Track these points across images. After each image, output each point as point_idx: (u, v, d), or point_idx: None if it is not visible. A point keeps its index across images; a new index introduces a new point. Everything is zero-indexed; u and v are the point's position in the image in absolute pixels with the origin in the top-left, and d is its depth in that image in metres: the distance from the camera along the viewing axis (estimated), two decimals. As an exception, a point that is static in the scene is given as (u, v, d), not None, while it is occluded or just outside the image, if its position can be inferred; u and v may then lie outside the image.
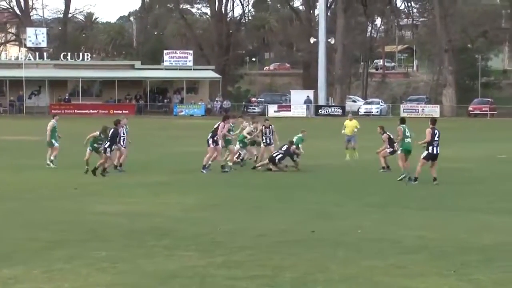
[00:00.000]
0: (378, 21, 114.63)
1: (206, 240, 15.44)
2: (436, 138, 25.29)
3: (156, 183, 25.75)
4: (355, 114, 77.08)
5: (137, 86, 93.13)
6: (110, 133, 28.37)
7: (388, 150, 29.52)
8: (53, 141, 31.24)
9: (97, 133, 28.83)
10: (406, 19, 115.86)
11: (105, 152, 28.09)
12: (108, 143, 28.12)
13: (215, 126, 29.58)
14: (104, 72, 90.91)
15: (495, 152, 37.50)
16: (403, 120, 27.85)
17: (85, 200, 21.87)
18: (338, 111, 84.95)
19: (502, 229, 16.92)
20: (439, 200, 21.89)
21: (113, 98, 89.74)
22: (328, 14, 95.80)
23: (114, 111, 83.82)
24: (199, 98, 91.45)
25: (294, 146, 29.85)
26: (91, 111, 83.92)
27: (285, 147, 29.98)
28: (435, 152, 25.31)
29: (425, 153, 25.38)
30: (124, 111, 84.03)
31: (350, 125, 35.29)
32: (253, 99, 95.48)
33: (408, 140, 26.92)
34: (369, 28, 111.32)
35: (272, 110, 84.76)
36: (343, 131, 35.28)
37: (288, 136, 31.25)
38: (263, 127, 31.34)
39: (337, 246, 14.90)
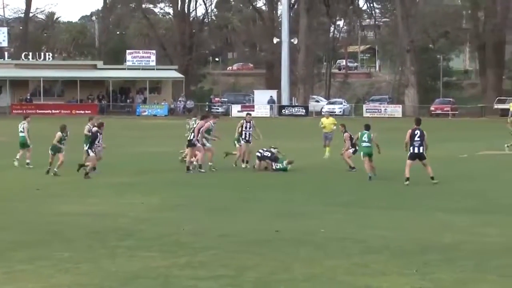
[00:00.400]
0: (341, 21, 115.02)
1: (170, 241, 15.42)
2: (416, 138, 25.50)
3: (119, 184, 25.65)
4: (318, 114, 77.52)
5: (100, 86, 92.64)
6: (91, 134, 28.41)
7: (351, 151, 29.69)
8: (28, 142, 31.49)
9: (59, 133, 28.69)
10: (369, 20, 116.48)
11: (88, 153, 28.04)
12: (88, 144, 28.10)
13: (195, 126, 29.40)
14: (66, 72, 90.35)
15: (456, 152, 37.80)
16: (367, 127, 28.34)
17: (48, 201, 21.73)
18: (302, 111, 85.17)
19: (462, 229, 17.07)
20: (401, 200, 22.04)
21: (75, 98, 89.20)
22: (291, 14, 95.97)
23: (77, 111, 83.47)
24: (162, 98, 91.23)
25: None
26: (53, 111, 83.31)
27: (275, 150, 30.05)
28: (415, 151, 25.49)
29: (408, 154, 25.66)
30: (86, 111, 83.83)
31: (328, 122, 36.08)
32: (217, 99, 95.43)
33: (365, 144, 27.58)
34: (332, 29, 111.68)
35: (235, 110, 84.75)
36: (323, 129, 35.88)
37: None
38: (244, 121, 31.22)
39: (300, 245, 14.95)
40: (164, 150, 37.76)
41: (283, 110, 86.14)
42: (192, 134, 29.03)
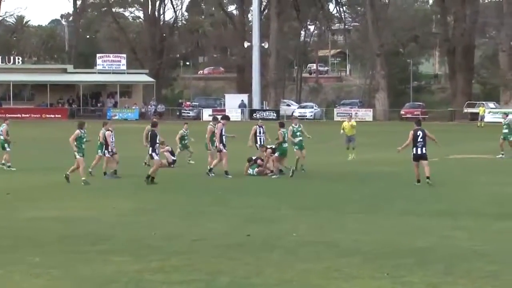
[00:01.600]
0: (312, 25, 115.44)
1: (142, 245, 15.38)
2: (419, 139, 25.95)
3: (90, 188, 25.55)
4: (289, 118, 77.68)
5: (70, 90, 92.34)
6: (151, 134, 27.36)
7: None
8: (6, 145, 31.39)
9: (78, 131, 27.20)
10: (339, 24, 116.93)
11: (152, 157, 27.48)
12: (151, 148, 27.29)
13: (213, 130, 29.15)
14: (36, 76, 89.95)
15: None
16: (282, 124, 29.95)
17: (18, 205, 21.60)
18: (273, 115, 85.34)
19: (433, 231, 17.17)
20: (372, 204, 22.11)
21: (45, 102, 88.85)
22: (262, 18, 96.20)
23: (47, 115, 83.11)
24: (133, 102, 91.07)
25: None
26: (22, 115, 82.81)
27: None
28: (419, 152, 25.97)
29: (412, 155, 26.17)
30: (56, 115, 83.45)
31: (349, 125, 37.56)
32: (188, 103, 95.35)
33: (286, 144, 29.06)
34: (303, 33, 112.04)
35: (206, 114, 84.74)
36: (341, 131, 37.65)
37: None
38: (257, 126, 31.41)
39: (273, 249, 14.96)
40: (135, 155, 37.59)
41: (254, 114, 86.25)
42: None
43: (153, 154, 27.19)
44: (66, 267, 13.37)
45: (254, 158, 30.34)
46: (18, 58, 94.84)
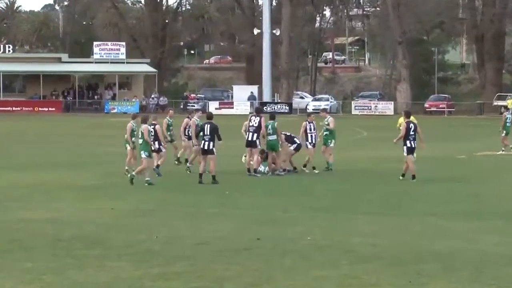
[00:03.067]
0: (327, 11, 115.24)
1: (141, 249, 15.42)
2: (411, 132, 26.96)
3: (85, 187, 25.60)
4: (303, 111, 77.65)
5: (65, 81, 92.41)
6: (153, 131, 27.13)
7: (292, 148, 29.87)
8: None
9: (130, 124, 27.83)
10: (357, 9, 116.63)
11: (159, 151, 27.67)
12: (156, 141, 27.31)
13: (253, 123, 29.07)
14: (28, 65, 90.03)
15: (453, 153, 38.01)
16: (272, 117, 30.02)
17: (9, 206, 21.66)
18: (285, 108, 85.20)
19: (458, 235, 17.17)
20: (391, 204, 22.11)
21: (38, 94, 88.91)
22: (273, 3, 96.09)
23: (39, 109, 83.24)
24: (132, 94, 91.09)
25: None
26: (13, 108, 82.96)
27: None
28: (413, 145, 27.02)
29: (405, 148, 27.03)
30: (50, 108, 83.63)
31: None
32: (193, 95, 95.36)
33: (270, 138, 28.94)
34: (318, 19, 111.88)
35: (213, 107, 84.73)
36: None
37: (231, 136, 31.23)
38: (307, 122, 30.70)
39: (284, 254, 14.97)
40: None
41: (264, 107, 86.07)
42: (251, 134, 28.90)
43: (159, 147, 27.39)
44: (60, 273, 13.42)
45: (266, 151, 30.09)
46: (9, 47, 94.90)
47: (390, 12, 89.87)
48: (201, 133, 27.23)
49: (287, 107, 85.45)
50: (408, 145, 26.95)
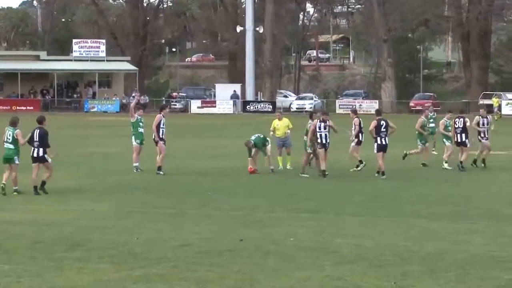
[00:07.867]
0: (311, 8, 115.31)
1: (122, 251, 15.39)
2: (383, 129, 28.05)
3: (65, 189, 25.52)
4: (286, 110, 77.75)
5: (43, 79, 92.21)
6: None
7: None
8: None
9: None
10: (341, 6, 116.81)
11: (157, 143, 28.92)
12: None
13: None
14: (5, 63, 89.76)
15: (440, 152, 38.04)
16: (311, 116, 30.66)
17: (-15, 207, 21.59)
18: (268, 107, 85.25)
19: (443, 236, 17.20)
20: (376, 205, 22.13)
21: (16, 93, 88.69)
22: (256, 0, 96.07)
23: (17, 107, 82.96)
24: (113, 92, 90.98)
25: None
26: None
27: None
28: (384, 142, 27.99)
29: (375, 145, 28.07)
30: (28, 107, 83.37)
31: (281, 125, 31.94)
32: (175, 94, 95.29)
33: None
34: (301, 16, 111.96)
35: (195, 106, 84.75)
36: (271, 133, 31.94)
37: (215, 135, 31.24)
38: (318, 120, 29.32)
39: (267, 255, 14.99)
40: (115, 151, 37.65)
41: (247, 106, 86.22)
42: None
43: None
44: (39, 276, 13.38)
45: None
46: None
47: (375, 10, 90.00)
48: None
49: (271, 106, 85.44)
50: (379, 142, 27.96)
